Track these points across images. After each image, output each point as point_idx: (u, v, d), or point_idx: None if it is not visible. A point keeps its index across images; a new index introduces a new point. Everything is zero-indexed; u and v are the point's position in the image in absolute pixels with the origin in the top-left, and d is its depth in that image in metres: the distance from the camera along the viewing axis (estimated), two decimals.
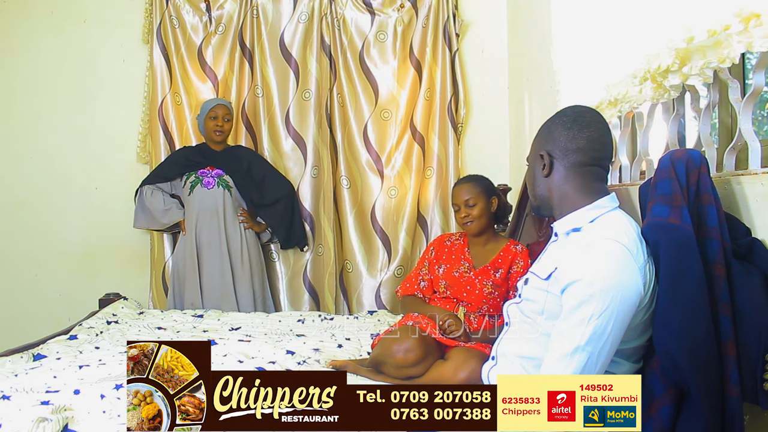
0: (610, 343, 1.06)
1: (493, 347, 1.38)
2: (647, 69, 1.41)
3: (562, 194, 1.24)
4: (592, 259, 1.09)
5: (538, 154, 1.28)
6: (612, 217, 1.19)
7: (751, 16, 1.04)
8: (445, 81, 3.16)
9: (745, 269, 1.07)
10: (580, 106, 1.30)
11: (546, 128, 1.30)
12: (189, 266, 2.91)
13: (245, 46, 3.23)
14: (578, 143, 1.22)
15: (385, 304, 3.16)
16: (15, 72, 3.37)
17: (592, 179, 1.23)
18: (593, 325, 1.05)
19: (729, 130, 1.73)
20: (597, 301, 1.04)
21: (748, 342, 1.03)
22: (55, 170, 3.36)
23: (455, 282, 2.00)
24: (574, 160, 1.23)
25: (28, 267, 3.37)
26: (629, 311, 1.06)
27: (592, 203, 1.21)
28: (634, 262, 1.08)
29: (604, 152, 1.24)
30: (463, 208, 2.00)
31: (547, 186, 1.27)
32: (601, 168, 1.24)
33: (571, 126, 1.23)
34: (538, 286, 1.24)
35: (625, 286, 1.05)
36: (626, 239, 1.11)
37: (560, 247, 1.26)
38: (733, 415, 1.02)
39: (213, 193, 2.91)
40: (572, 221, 1.22)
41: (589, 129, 1.22)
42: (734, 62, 1.15)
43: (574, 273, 1.09)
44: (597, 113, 1.27)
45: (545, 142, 1.27)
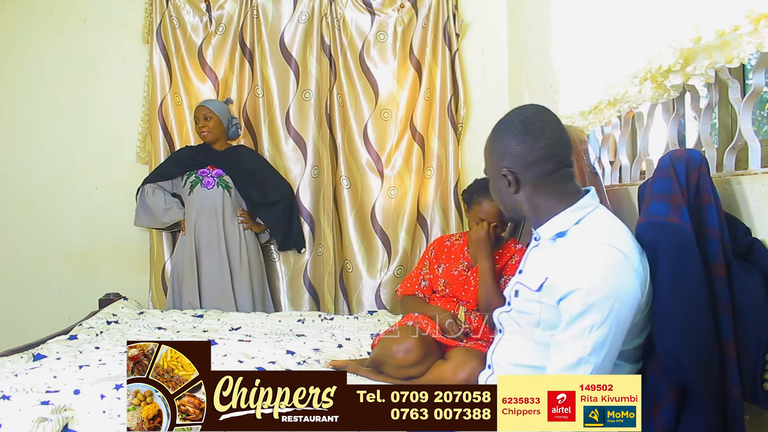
0: (613, 350, 1.05)
1: (487, 355, 1.34)
2: (648, 69, 1.41)
3: (536, 206, 1.20)
4: (588, 266, 1.06)
5: (499, 172, 1.21)
6: (598, 218, 1.17)
7: (761, 17, 1.04)
8: (445, 81, 3.16)
9: (745, 269, 1.07)
10: (525, 109, 1.23)
11: (498, 142, 1.22)
12: (188, 266, 2.91)
13: (245, 47, 3.23)
14: (538, 154, 1.16)
15: (385, 304, 3.15)
16: (15, 72, 3.37)
17: (563, 182, 1.19)
18: (595, 335, 1.03)
19: (729, 130, 1.73)
20: (597, 310, 1.03)
21: (748, 342, 1.03)
22: (55, 170, 3.36)
23: (454, 281, 2.00)
24: (538, 171, 1.17)
25: (28, 267, 3.37)
26: (629, 316, 1.05)
27: (572, 205, 1.17)
28: (629, 265, 1.06)
29: (566, 151, 1.19)
30: (485, 225, 1.90)
31: (518, 201, 1.22)
32: (568, 167, 1.20)
33: (524, 138, 1.17)
34: (530, 297, 1.20)
35: (623, 291, 1.04)
36: (620, 242, 1.09)
37: (545, 252, 1.22)
38: (734, 415, 1.02)
39: (212, 193, 2.92)
40: (556, 225, 1.18)
41: (544, 136, 1.16)
42: (743, 62, 1.16)
43: (571, 282, 1.06)
44: (544, 112, 1.21)
45: (502, 159, 1.20)
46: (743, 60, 1.14)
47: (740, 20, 1.08)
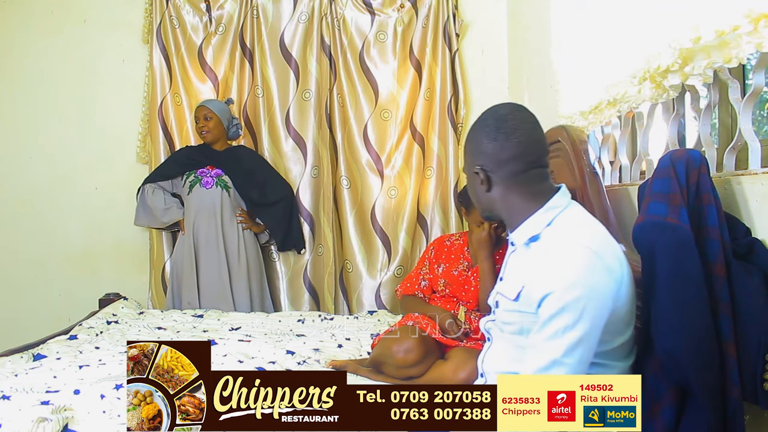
0: (589, 350, 1.04)
1: (478, 363, 1.34)
2: (647, 69, 1.41)
3: (509, 205, 1.19)
4: (559, 268, 1.06)
5: (473, 170, 1.21)
6: (569, 216, 1.16)
7: (761, 17, 1.04)
8: (445, 81, 3.16)
9: (745, 269, 1.07)
10: (499, 108, 1.22)
11: (472, 140, 1.22)
12: (187, 265, 2.91)
13: (245, 46, 3.23)
14: (509, 152, 1.16)
15: (385, 304, 3.15)
16: (15, 72, 3.37)
17: (536, 182, 1.18)
18: (569, 336, 1.02)
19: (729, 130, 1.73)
20: (570, 311, 1.02)
21: (748, 342, 1.03)
22: (55, 170, 3.36)
23: (454, 280, 2.00)
24: (510, 170, 1.17)
25: (28, 267, 3.37)
26: (604, 315, 1.04)
27: (543, 206, 1.16)
28: (601, 262, 1.06)
29: (538, 151, 1.18)
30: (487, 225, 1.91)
31: (491, 199, 1.21)
32: (541, 167, 1.19)
33: (495, 136, 1.16)
34: (510, 308, 1.19)
35: (596, 291, 1.03)
36: (590, 240, 1.08)
37: (521, 258, 1.21)
38: (734, 415, 1.02)
39: (211, 193, 2.92)
40: (529, 229, 1.17)
41: (515, 134, 1.16)
42: (742, 62, 1.15)
43: (544, 287, 1.06)
44: (519, 110, 1.20)
45: (475, 157, 1.20)
46: (742, 60, 1.14)
47: (740, 20, 1.08)
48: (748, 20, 1.06)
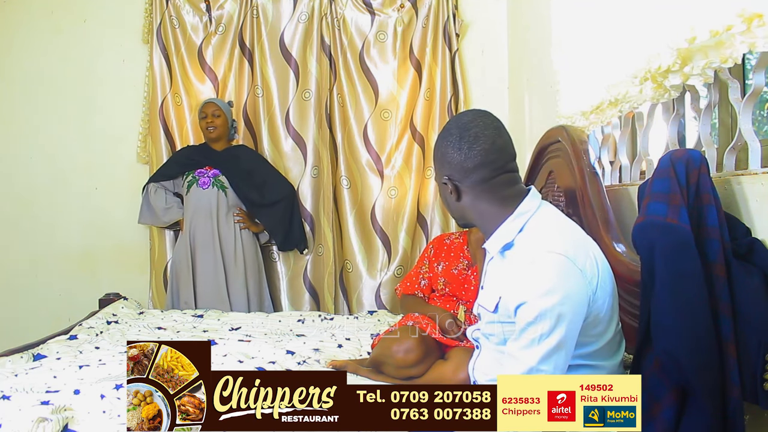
0: (565, 355, 1.05)
1: (469, 370, 1.35)
2: (647, 69, 1.41)
3: (480, 213, 1.19)
4: (533, 277, 1.06)
5: (441, 181, 1.21)
6: (540, 220, 1.16)
7: (754, 17, 1.03)
8: (445, 81, 3.16)
9: (745, 269, 1.07)
10: (462, 115, 1.22)
11: (438, 150, 1.22)
12: (184, 265, 2.93)
13: (245, 46, 3.23)
14: (474, 161, 1.15)
15: (385, 304, 3.16)
16: (15, 72, 3.37)
17: (504, 188, 1.17)
18: (545, 344, 1.03)
19: (729, 130, 1.73)
20: (545, 319, 1.03)
21: (748, 342, 1.03)
22: (55, 170, 3.36)
23: (454, 279, 2.00)
24: (477, 178, 1.16)
25: (28, 267, 3.37)
26: (579, 319, 1.06)
27: (513, 212, 1.16)
28: (574, 267, 1.06)
29: (504, 158, 1.17)
30: None
31: (462, 208, 1.21)
32: (508, 173, 1.18)
33: (459, 145, 1.16)
34: (490, 319, 1.20)
35: (570, 296, 1.04)
36: (561, 245, 1.08)
37: (497, 267, 1.21)
38: (734, 415, 1.02)
39: (207, 193, 2.93)
40: (501, 238, 1.17)
41: (478, 143, 1.15)
42: (737, 62, 1.15)
43: (519, 296, 1.06)
44: (482, 116, 1.19)
45: (442, 167, 1.20)
46: (737, 60, 1.14)
47: (733, 19, 1.08)
48: (741, 20, 1.06)
